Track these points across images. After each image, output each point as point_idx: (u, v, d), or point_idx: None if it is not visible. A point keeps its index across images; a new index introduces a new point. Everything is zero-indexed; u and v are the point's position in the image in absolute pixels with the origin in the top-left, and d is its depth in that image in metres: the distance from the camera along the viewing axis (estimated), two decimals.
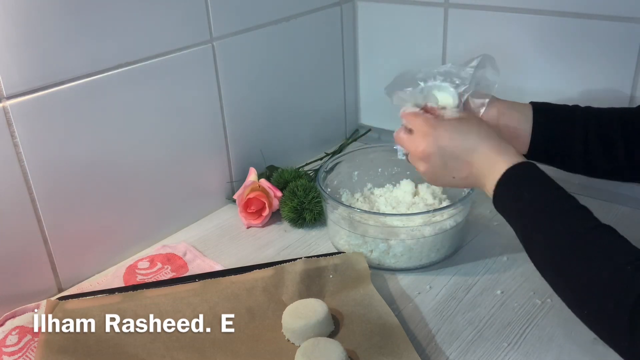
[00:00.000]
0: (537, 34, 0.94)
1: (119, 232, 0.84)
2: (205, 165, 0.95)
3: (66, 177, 0.75)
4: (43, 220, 0.74)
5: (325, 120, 1.16)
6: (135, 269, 0.82)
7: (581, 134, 0.72)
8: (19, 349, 0.67)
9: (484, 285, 0.76)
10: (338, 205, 0.81)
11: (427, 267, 0.80)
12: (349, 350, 0.64)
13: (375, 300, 0.71)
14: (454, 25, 1.02)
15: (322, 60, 1.11)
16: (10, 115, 0.69)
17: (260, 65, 0.98)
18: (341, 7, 1.11)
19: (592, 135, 0.72)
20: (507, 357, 0.64)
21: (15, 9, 0.66)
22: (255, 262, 0.80)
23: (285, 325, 0.67)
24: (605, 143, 0.72)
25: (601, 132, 0.72)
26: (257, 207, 0.91)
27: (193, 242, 0.88)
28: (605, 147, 0.72)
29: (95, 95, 0.76)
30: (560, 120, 0.74)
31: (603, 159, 0.73)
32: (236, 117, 0.96)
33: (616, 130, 0.71)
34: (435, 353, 0.65)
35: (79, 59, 0.73)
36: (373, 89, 1.20)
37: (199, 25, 0.87)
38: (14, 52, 0.67)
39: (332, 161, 0.92)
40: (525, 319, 0.70)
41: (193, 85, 0.88)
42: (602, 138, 0.72)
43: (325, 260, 0.76)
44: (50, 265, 0.77)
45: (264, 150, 1.02)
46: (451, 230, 0.79)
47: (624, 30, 0.86)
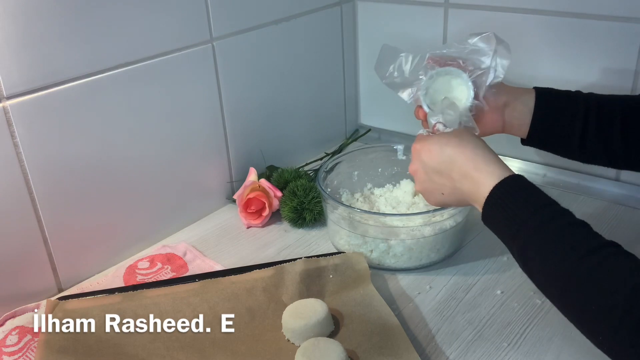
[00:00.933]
0: (537, 34, 0.94)
1: (119, 232, 0.84)
2: (205, 165, 0.95)
3: (66, 177, 0.76)
4: (43, 220, 0.74)
5: (325, 120, 1.16)
6: (135, 269, 0.82)
7: (580, 121, 0.72)
8: (19, 349, 0.67)
9: (484, 285, 0.76)
10: (338, 205, 0.81)
11: (427, 267, 0.80)
12: (349, 350, 0.64)
13: (375, 300, 0.71)
14: (454, 26, 1.02)
15: (322, 60, 1.11)
16: (10, 115, 0.69)
17: (261, 65, 0.98)
18: (341, 7, 1.11)
19: (591, 124, 0.72)
20: (507, 357, 0.64)
21: (15, 9, 0.66)
22: (255, 262, 0.80)
23: (285, 325, 0.67)
24: (603, 132, 0.72)
25: (601, 121, 0.72)
26: (257, 207, 0.91)
27: (193, 242, 0.88)
28: (603, 136, 0.72)
29: (95, 95, 0.76)
30: (561, 107, 0.74)
31: (600, 148, 0.73)
32: (236, 117, 0.96)
33: (616, 119, 0.71)
34: (435, 353, 0.65)
35: (79, 59, 0.73)
36: (373, 88, 1.20)
37: (199, 25, 0.87)
38: (14, 52, 0.67)
39: (332, 161, 0.92)
40: (525, 319, 0.69)
41: (193, 85, 0.88)
42: (600, 127, 0.72)
43: (325, 260, 0.76)
44: (50, 265, 0.77)
45: (264, 150, 1.02)
46: (451, 230, 0.79)
47: (624, 30, 0.86)
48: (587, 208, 0.55)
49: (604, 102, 0.74)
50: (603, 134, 0.72)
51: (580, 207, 0.57)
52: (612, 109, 0.72)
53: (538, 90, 0.75)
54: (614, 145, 0.72)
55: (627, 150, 0.72)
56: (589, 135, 0.72)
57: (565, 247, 0.53)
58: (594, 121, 0.72)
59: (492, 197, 0.59)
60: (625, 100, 0.75)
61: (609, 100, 0.74)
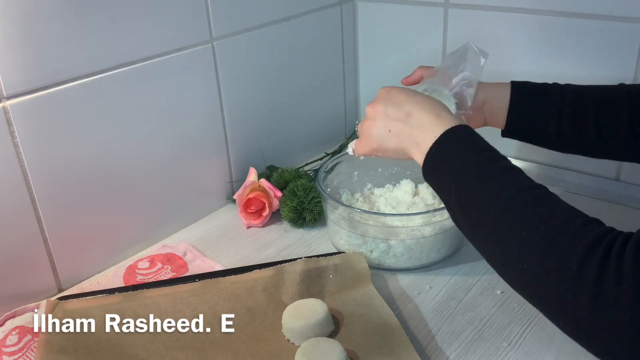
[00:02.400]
0: (537, 34, 0.94)
1: (119, 232, 0.84)
2: (205, 165, 0.95)
3: (66, 177, 0.76)
4: (43, 220, 0.74)
5: (325, 120, 1.16)
6: (135, 269, 0.82)
7: (556, 113, 0.75)
8: (19, 349, 0.67)
9: (484, 285, 0.76)
10: (338, 205, 0.81)
11: (427, 267, 0.80)
12: (349, 350, 0.64)
13: (375, 300, 0.71)
14: (454, 25, 1.02)
15: (322, 60, 1.11)
16: (10, 115, 0.69)
17: (260, 65, 0.98)
18: (341, 7, 1.11)
19: (566, 115, 0.74)
20: (507, 357, 0.64)
21: (15, 9, 0.66)
22: (255, 262, 0.80)
23: (285, 325, 0.67)
24: (578, 122, 0.74)
25: (575, 110, 0.74)
26: (257, 207, 0.91)
27: (193, 242, 0.88)
28: (578, 126, 0.74)
29: (95, 95, 0.76)
30: (536, 99, 0.76)
31: (576, 137, 0.75)
32: (236, 117, 0.96)
33: (591, 109, 0.73)
34: (435, 353, 0.65)
35: (79, 59, 0.73)
36: (373, 88, 1.19)
37: (199, 25, 0.87)
38: (14, 52, 0.67)
39: (332, 161, 0.92)
40: (525, 319, 0.69)
41: (193, 85, 0.88)
42: (575, 118, 0.74)
43: (325, 260, 0.76)
44: (50, 265, 0.77)
45: (264, 150, 1.02)
46: (451, 230, 0.79)
47: (624, 30, 0.86)
48: (587, 208, 0.55)
49: (579, 92, 0.75)
50: (578, 124, 0.74)
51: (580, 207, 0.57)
52: (588, 98, 0.74)
53: (514, 84, 0.77)
54: (588, 134, 0.74)
55: (600, 139, 0.74)
56: (564, 125, 0.74)
57: (498, 188, 0.55)
58: (568, 111, 0.74)
59: (439, 142, 0.61)
60: (601, 90, 0.76)
61: (584, 90, 0.76)
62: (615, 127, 0.73)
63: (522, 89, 0.77)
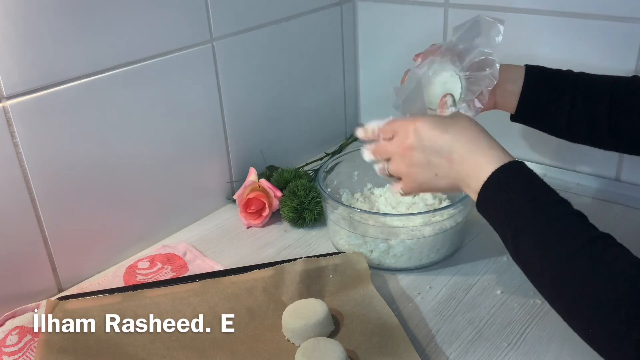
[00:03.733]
0: (537, 34, 0.94)
1: (119, 232, 0.84)
2: (205, 165, 0.95)
3: (66, 177, 0.76)
4: (43, 220, 0.74)
5: (325, 120, 1.16)
6: (135, 269, 0.82)
7: (568, 101, 0.74)
8: (19, 349, 0.67)
9: (484, 285, 0.76)
10: (338, 205, 0.81)
11: (427, 267, 0.80)
12: (349, 350, 0.64)
13: (375, 300, 0.71)
14: (454, 25, 1.02)
15: (322, 60, 1.11)
16: (10, 115, 0.69)
17: (261, 65, 0.98)
18: (341, 7, 1.11)
19: (578, 102, 0.74)
20: (507, 357, 0.64)
21: (15, 9, 0.66)
22: (255, 262, 0.80)
23: (285, 325, 0.67)
24: (590, 111, 0.73)
25: (588, 100, 0.73)
26: (257, 207, 0.91)
27: (193, 242, 0.88)
28: (589, 115, 0.73)
29: (95, 95, 0.76)
30: (550, 86, 0.75)
31: (586, 127, 0.74)
32: (236, 117, 0.96)
33: (604, 99, 0.73)
34: (435, 353, 0.65)
35: (79, 59, 0.73)
36: (373, 88, 1.20)
37: (199, 25, 0.87)
38: (14, 52, 0.67)
39: (332, 161, 0.92)
40: (525, 319, 0.69)
41: (193, 86, 0.88)
42: (588, 106, 0.73)
43: (325, 260, 0.76)
44: (50, 265, 0.77)
45: (264, 150, 1.02)
46: (451, 230, 0.79)
47: (624, 30, 0.86)
48: (587, 208, 0.55)
49: (593, 82, 0.75)
50: (590, 113, 0.73)
51: (580, 207, 0.57)
52: (601, 88, 0.74)
53: (528, 68, 0.77)
54: (600, 124, 0.73)
55: (611, 130, 0.73)
56: (575, 114, 0.74)
57: (562, 236, 0.53)
58: (581, 100, 0.74)
59: (492, 180, 0.58)
60: (615, 80, 0.76)
61: (598, 80, 0.75)
62: (628, 119, 0.72)
63: (537, 73, 0.76)
